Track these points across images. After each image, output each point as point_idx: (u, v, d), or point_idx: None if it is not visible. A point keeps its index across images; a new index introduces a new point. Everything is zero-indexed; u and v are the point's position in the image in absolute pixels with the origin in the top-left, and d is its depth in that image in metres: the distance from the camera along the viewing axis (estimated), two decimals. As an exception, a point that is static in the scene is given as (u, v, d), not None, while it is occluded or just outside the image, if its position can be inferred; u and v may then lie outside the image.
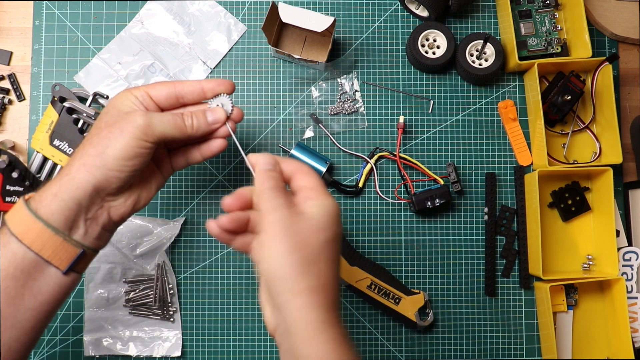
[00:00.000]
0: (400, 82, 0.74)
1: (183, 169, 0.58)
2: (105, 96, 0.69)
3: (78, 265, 0.48)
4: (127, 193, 0.51)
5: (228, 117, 0.54)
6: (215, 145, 0.55)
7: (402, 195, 0.72)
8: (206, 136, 0.55)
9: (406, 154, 0.72)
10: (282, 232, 0.42)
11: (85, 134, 0.67)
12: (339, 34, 0.74)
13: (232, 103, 0.54)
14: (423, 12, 0.74)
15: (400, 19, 0.75)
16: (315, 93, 0.73)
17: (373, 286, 0.68)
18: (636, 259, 0.70)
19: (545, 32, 0.73)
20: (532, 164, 0.73)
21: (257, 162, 0.46)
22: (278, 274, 0.41)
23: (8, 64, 0.72)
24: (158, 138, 0.49)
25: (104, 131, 0.48)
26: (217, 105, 0.54)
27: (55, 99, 0.68)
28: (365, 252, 0.71)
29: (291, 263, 0.41)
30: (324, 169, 0.69)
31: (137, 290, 0.69)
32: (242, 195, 0.46)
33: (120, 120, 0.48)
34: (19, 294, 0.45)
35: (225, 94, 0.54)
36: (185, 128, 0.51)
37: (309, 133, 0.72)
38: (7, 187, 0.64)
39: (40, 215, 0.45)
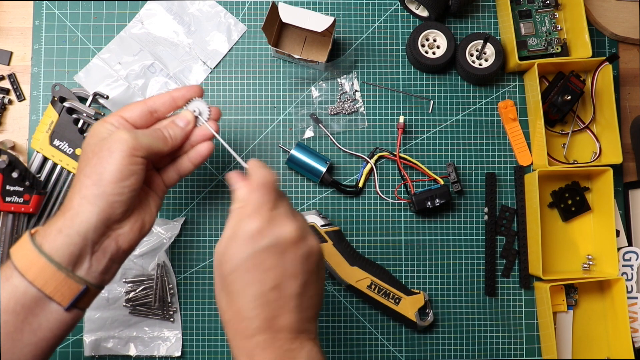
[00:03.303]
0: (400, 82, 0.74)
1: (176, 183, 0.57)
2: (105, 96, 0.69)
3: (81, 302, 0.48)
4: (133, 219, 0.50)
5: (197, 117, 0.54)
6: (203, 148, 0.55)
7: (402, 195, 0.72)
8: (192, 143, 0.55)
9: (406, 154, 0.72)
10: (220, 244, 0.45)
11: (85, 134, 0.67)
12: (339, 34, 0.74)
13: (207, 104, 0.54)
14: (423, 12, 0.74)
15: (400, 19, 0.75)
16: (315, 93, 0.73)
17: (373, 286, 0.68)
18: (636, 259, 0.70)
19: (545, 32, 0.73)
20: (532, 164, 0.73)
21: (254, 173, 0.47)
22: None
23: (8, 64, 0.72)
24: (147, 151, 0.49)
25: (94, 159, 0.48)
26: (193, 110, 0.54)
27: (55, 99, 0.68)
28: (365, 252, 0.71)
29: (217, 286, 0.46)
30: (324, 169, 0.69)
31: (137, 290, 0.69)
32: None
33: (105, 144, 0.48)
34: (18, 329, 0.45)
35: (197, 98, 0.54)
36: (167, 139, 0.52)
37: (309, 133, 0.72)
38: (7, 187, 0.64)
39: (44, 251, 0.45)
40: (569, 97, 0.68)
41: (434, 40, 0.73)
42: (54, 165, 0.69)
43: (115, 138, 0.48)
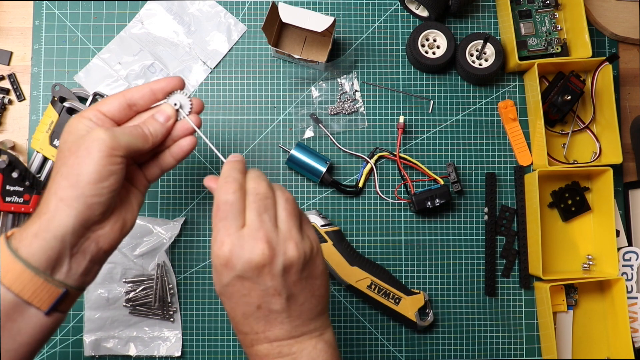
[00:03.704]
0: (400, 82, 0.74)
1: (159, 178, 0.55)
2: (105, 96, 0.69)
3: (61, 305, 0.46)
4: (113, 218, 0.48)
5: (178, 111, 0.51)
6: (185, 143, 0.52)
7: (402, 195, 0.72)
8: (174, 138, 0.52)
9: (406, 154, 0.72)
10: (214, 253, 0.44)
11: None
12: (339, 34, 0.74)
13: (188, 97, 0.51)
14: (423, 12, 0.74)
15: (400, 19, 0.75)
16: (315, 93, 0.73)
17: (373, 286, 0.68)
18: (636, 259, 0.70)
19: (545, 32, 0.73)
20: (532, 164, 0.73)
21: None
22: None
23: (8, 64, 0.72)
24: (126, 150, 0.46)
25: (71, 159, 0.45)
26: (174, 103, 0.51)
27: (55, 99, 0.68)
28: (365, 252, 0.71)
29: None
30: (324, 169, 0.69)
31: (137, 290, 0.69)
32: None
33: (83, 143, 0.45)
34: None
35: (179, 91, 0.51)
36: (147, 136, 0.49)
37: (309, 133, 0.72)
38: (7, 187, 0.64)
39: (20, 255, 0.43)
40: (569, 97, 0.68)
41: (434, 40, 0.73)
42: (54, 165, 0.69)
43: (93, 137, 0.45)
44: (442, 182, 0.70)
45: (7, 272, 0.43)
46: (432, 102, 0.74)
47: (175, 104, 0.51)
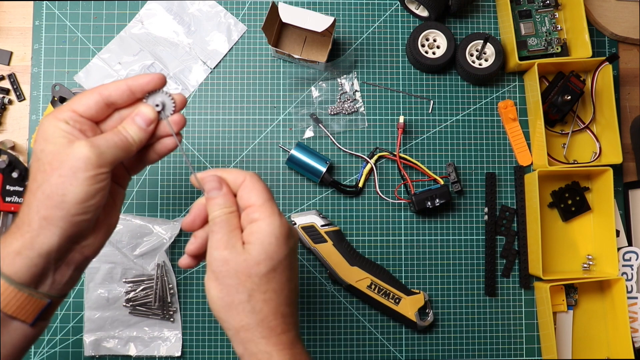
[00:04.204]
0: (400, 82, 0.74)
1: (141, 171, 0.53)
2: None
3: (45, 315, 0.45)
4: (98, 228, 0.46)
5: (160, 113, 0.47)
6: (170, 141, 0.49)
7: (402, 195, 0.72)
8: (157, 136, 0.48)
9: (406, 154, 0.72)
10: (214, 275, 0.43)
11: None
12: (339, 34, 0.74)
13: (170, 95, 0.47)
14: (423, 12, 0.74)
15: (400, 19, 0.75)
16: (315, 93, 0.73)
17: (373, 286, 0.68)
18: (636, 259, 0.70)
19: (545, 32, 0.73)
20: (532, 164, 0.73)
21: (205, 187, 0.45)
22: (218, 314, 0.44)
23: (8, 64, 0.72)
24: (112, 164, 0.44)
25: (54, 177, 0.42)
26: (156, 104, 0.47)
27: (55, 99, 0.68)
28: (365, 252, 0.71)
29: (226, 305, 0.43)
30: (324, 169, 0.69)
31: (137, 290, 0.69)
32: (197, 212, 0.47)
33: (66, 159, 0.42)
34: None
35: (160, 90, 0.47)
36: (130, 145, 0.46)
37: (309, 133, 0.72)
38: (7, 187, 0.64)
39: (2, 272, 0.42)
40: (569, 97, 0.68)
41: (434, 40, 0.73)
42: (54, 165, 0.69)
43: (77, 155, 0.42)
44: (442, 182, 0.70)
45: None
46: (432, 102, 0.74)
47: (157, 105, 0.47)
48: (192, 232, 0.47)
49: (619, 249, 0.71)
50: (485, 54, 0.72)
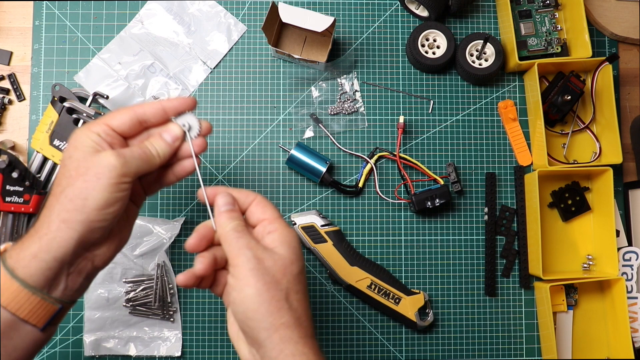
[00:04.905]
0: (400, 82, 0.74)
1: (155, 193, 0.55)
2: (105, 96, 0.69)
3: (55, 320, 0.46)
4: (110, 239, 0.48)
5: (185, 133, 0.50)
6: (188, 164, 0.51)
7: (402, 195, 0.72)
8: (178, 157, 0.51)
9: (406, 154, 0.72)
10: (252, 272, 0.43)
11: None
12: (339, 34, 0.74)
13: (197, 119, 0.51)
14: (423, 12, 0.74)
15: (400, 19, 0.75)
16: (315, 93, 0.73)
17: (373, 286, 0.68)
18: (636, 259, 0.70)
19: (545, 32, 0.73)
20: (532, 164, 0.73)
21: (216, 203, 0.48)
22: (254, 314, 0.43)
23: (8, 64, 0.72)
24: (135, 175, 0.46)
25: (79, 181, 0.44)
26: (183, 124, 0.50)
27: (55, 99, 0.68)
28: (365, 252, 0.71)
29: (266, 301, 0.43)
30: (324, 169, 0.69)
31: (137, 290, 0.69)
32: (203, 233, 0.48)
33: (92, 166, 0.44)
34: None
35: (189, 112, 0.50)
36: (154, 158, 0.48)
37: (309, 133, 0.72)
38: (7, 187, 0.64)
39: (17, 275, 0.43)
40: (569, 97, 0.68)
41: (434, 40, 0.73)
42: (54, 165, 0.69)
43: (104, 162, 0.44)
44: (442, 182, 0.70)
45: (4, 292, 0.43)
46: (432, 102, 0.74)
47: (184, 125, 0.50)
48: (196, 253, 0.48)
49: (619, 249, 0.71)
50: (485, 54, 0.72)
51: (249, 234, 0.46)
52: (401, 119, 0.70)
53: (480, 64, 0.72)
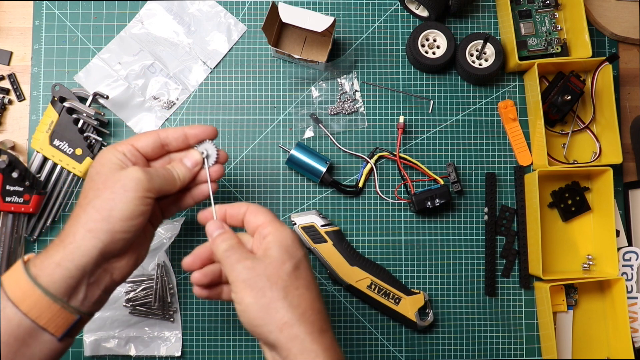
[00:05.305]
0: (400, 82, 0.74)
1: (172, 215, 0.58)
2: (105, 96, 0.69)
3: (73, 331, 0.47)
4: (129, 253, 0.50)
5: (204, 160, 0.54)
6: (205, 188, 0.55)
7: (402, 195, 0.72)
8: (196, 182, 0.55)
9: (406, 154, 0.72)
10: (245, 283, 0.46)
11: (85, 134, 0.67)
12: (339, 34, 0.74)
13: (216, 147, 0.54)
14: (423, 12, 0.74)
15: (400, 19, 0.75)
16: (315, 93, 0.73)
17: (373, 286, 0.68)
18: (636, 259, 0.70)
19: (545, 32, 0.73)
20: (532, 164, 0.73)
21: (207, 231, 0.50)
22: (258, 320, 0.45)
23: (8, 64, 0.72)
24: (158, 193, 0.49)
25: (106, 193, 0.47)
26: (202, 152, 0.54)
27: (55, 99, 0.68)
28: (365, 252, 0.71)
29: (264, 305, 0.45)
30: (324, 169, 0.69)
31: (137, 290, 0.69)
32: (200, 254, 0.52)
33: (120, 179, 0.47)
34: None
35: (208, 140, 0.54)
36: (175, 180, 0.52)
37: (309, 133, 0.72)
38: (7, 187, 0.64)
39: (40, 283, 0.44)
40: (569, 97, 0.68)
41: (434, 40, 0.73)
42: (54, 165, 0.69)
43: (131, 176, 0.47)
44: (442, 182, 0.70)
45: (25, 299, 0.44)
46: (432, 102, 0.74)
47: (203, 152, 0.54)
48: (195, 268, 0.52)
49: (619, 249, 0.71)
50: (485, 54, 0.72)
51: (240, 249, 0.48)
52: (401, 119, 0.70)
53: (480, 64, 0.72)
